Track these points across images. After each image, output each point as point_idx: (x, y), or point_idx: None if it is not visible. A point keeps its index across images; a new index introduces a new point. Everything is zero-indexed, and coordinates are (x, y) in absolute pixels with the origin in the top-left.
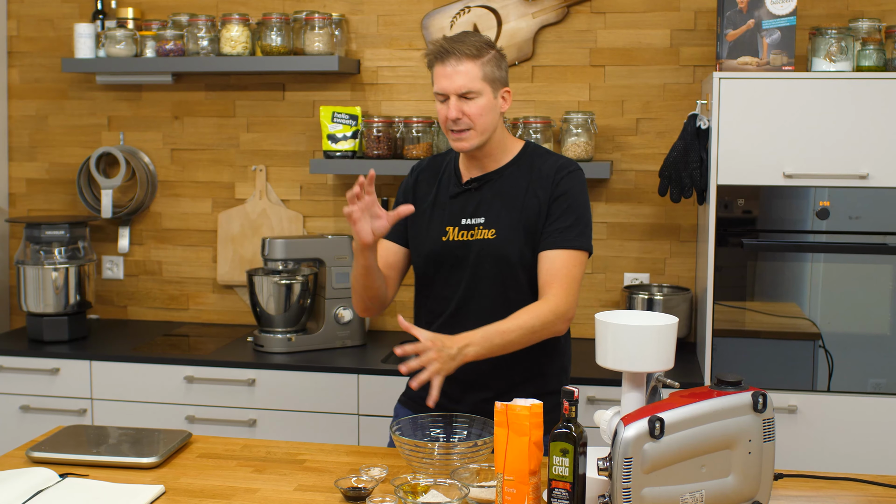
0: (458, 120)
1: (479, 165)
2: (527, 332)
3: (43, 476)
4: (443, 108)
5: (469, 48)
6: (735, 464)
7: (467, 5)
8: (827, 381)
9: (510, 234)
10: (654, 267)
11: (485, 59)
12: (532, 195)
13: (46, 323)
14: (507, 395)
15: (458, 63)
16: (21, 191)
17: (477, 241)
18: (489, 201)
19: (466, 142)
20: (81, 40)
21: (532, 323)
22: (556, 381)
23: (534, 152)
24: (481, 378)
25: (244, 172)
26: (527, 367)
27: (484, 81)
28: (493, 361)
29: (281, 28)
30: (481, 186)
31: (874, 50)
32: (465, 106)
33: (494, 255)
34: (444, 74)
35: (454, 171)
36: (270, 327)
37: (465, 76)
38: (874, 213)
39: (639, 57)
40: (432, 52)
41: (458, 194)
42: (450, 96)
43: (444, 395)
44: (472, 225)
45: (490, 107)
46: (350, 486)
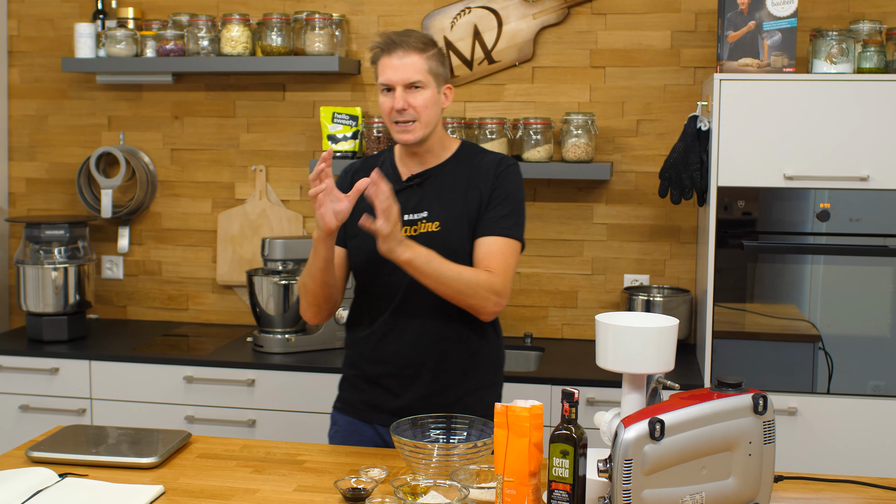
0: (403, 111)
1: (419, 162)
2: (461, 283)
3: (42, 476)
4: (387, 99)
5: (415, 41)
6: (735, 466)
7: (468, 6)
8: (827, 384)
9: (455, 226)
10: (654, 268)
11: (429, 53)
12: (474, 188)
13: (46, 323)
14: (449, 389)
15: (405, 55)
16: (21, 190)
17: (421, 236)
18: (432, 196)
19: (411, 133)
20: (82, 40)
21: (468, 278)
22: (493, 374)
23: (471, 149)
24: (422, 372)
25: (244, 172)
26: (465, 359)
27: (429, 74)
28: (433, 355)
29: (281, 28)
30: (423, 182)
31: (875, 52)
32: (410, 97)
33: (440, 247)
34: (390, 66)
35: (391, 169)
36: (270, 327)
37: (411, 68)
38: (874, 216)
39: (639, 58)
40: (379, 45)
41: (399, 191)
42: (395, 87)
43: (383, 389)
44: (415, 220)
45: (434, 100)
46: (349, 487)
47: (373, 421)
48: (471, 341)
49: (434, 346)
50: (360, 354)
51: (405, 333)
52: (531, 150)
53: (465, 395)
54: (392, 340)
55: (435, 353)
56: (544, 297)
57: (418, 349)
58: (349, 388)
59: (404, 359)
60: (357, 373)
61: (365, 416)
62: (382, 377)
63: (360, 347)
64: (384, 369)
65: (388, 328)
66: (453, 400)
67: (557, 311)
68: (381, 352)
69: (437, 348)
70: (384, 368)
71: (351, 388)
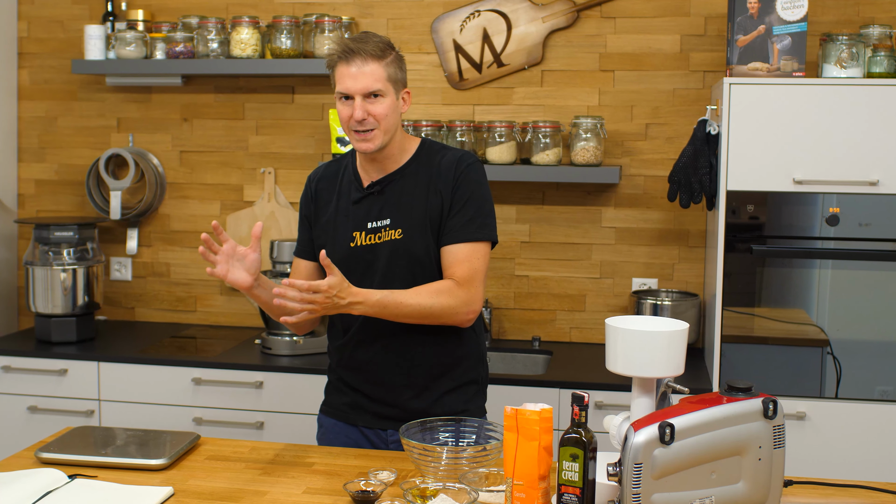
0: (363, 120)
1: (379, 168)
2: (424, 313)
3: (52, 477)
4: (346, 108)
5: (374, 48)
6: (745, 470)
7: (477, 9)
8: (835, 388)
9: (417, 232)
10: (663, 272)
11: (388, 59)
12: (434, 191)
13: (54, 324)
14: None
15: (364, 63)
16: (30, 192)
17: (385, 244)
18: (393, 202)
19: (371, 142)
20: (91, 42)
21: (430, 304)
22: (473, 371)
23: (430, 148)
24: (397, 377)
25: (253, 175)
26: (440, 360)
27: (388, 82)
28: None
29: (291, 31)
30: (384, 188)
31: (885, 56)
32: (370, 106)
33: (403, 254)
34: (348, 74)
35: (353, 176)
36: (278, 330)
37: (370, 76)
38: (884, 220)
39: (648, 62)
40: (336, 52)
41: (361, 199)
42: (355, 97)
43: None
44: (378, 227)
45: (393, 107)
46: (359, 490)
47: (357, 423)
48: (445, 344)
49: (406, 352)
50: (338, 361)
51: (377, 341)
52: (540, 153)
53: (444, 395)
54: (365, 349)
55: (408, 359)
56: (552, 300)
57: (391, 356)
58: (333, 391)
59: (378, 365)
60: (337, 377)
61: (349, 418)
62: (361, 383)
63: (337, 355)
64: (362, 376)
65: (361, 337)
66: (432, 401)
67: (566, 314)
68: (357, 359)
69: (410, 354)
70: (362, 375)
71: (335, 392)
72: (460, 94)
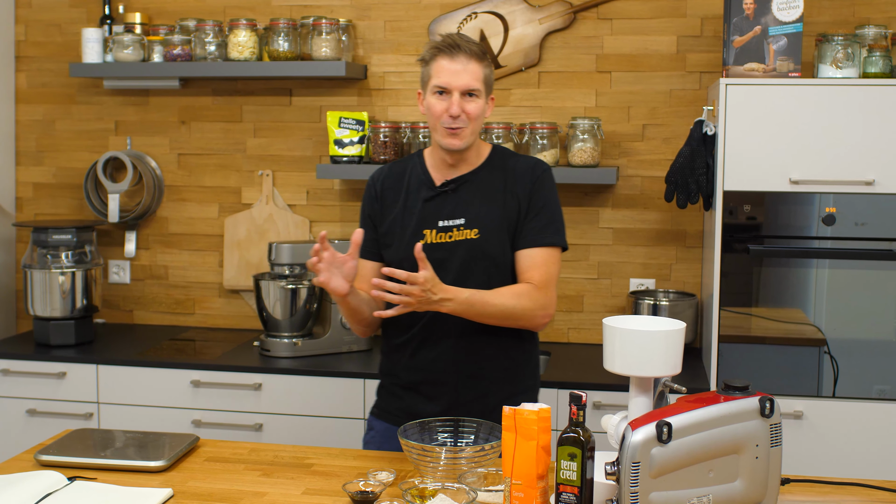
0: (458, 117)
1: (454, 168)
2: (506, 314)
3: (52, 479)
4: (440, 102)
5: (477, 48)
6: (742, 469)
7: (474, 11)
8: (832, 387)
9: (494, 233)
10: (660, 273)
11: (485, 62)
12: (510, 194)
13: (53, 327)
14: (486, 397)
15: (468, 61)
16: (28, 195)
17: (459, 242)
18: (467, 202)
19: (461, 139)
20: (89, 45)
21: (513, 305)
22: (531, 380)
23: (503, 154)
24: (460, 379)
25: (251, 177)
26: (503, 365)
27: (484, 84)
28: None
29: (288, 33)
30: (458, 188)
31: (880, 56)
32: (465, 104)
33: (480, 254)
34: (450, 70)
35: (423, 175)
36: (277, 332)
37: (471, 75)
38: (880, 220)
39: (645, 63)
40: (439, 45)
41: (433, 197)
42: (453, 92)
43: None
44: (450, 226)
45: (483, 109)
46: (358, 490)
47: None
48: (509, 348)
49: (472, 353)
50: (396, 361)
51: (442, 341)
52: (537, 154)
53: (503, 400)
54: (430, 347)
55: (472, 361)
56: None
57: (455, 357)
58: (386, 395)
59: (442, 366)
60: (394, 381)
61: (402, 422)
62: (420, 384)
63: (397, 354)
64: (421, 376)
65: (426, 335)
66: (491, 406)
67: (563, 315)
68: (419, 359)
69: (475, 356)
70: (421, 375)
71: (388, 396)
72: None
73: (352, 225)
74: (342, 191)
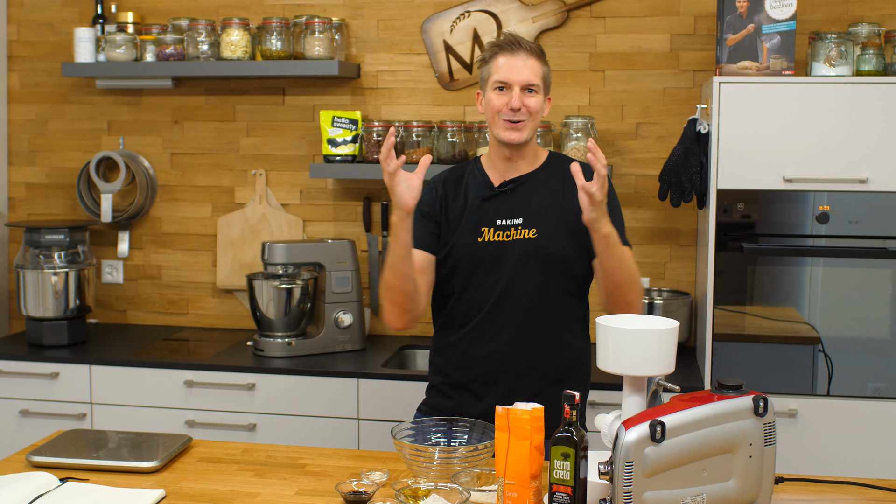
0: (519, 110)
1: (512, 168)
2: (633, 271)
3: (43, 480)
4: (500, 97)
5: (536, 47)
6: (736, 467)
7: (467, 10)
8: (826, 386)
9: (553, 233)
10: (654, 271)
11: (544, 61)
12: (571, 197)
13: (46, 327)
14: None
15: (528, 57)
16: (21, 195)
17: (517, 241)
18: (525, 202)
19: (520, 133)
20: (81, 45)
21: (636, 271)
22: (580, 383)
23: (562, 158)
24: (511, 378)
25: (244, 177)
26: (555, 367)
27: (542, 81)
28: (523, 361)
29: (281, 32)
30: (517, 188)
31: (874, 54)
32: (525, 98)
33: (539, 254)
34: (511, 65)
35: (482, 176)
36: (270, 332)
37: (532, 70)
38: (874, 218)
39: (639, 61)
40: (500, 43)
41: (492, 196)
42: (513, 87)
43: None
44: (508, 225)
45: (542, 106)
46: (351, 491)
47: None
48: (562, 349)
49: (524, 351)
50: (447, 360)
51: (495, 339)
52: None
53: (552, 403)
54: (482, 345)
55: (524, 359)
56: None
57: (507, 354)
58: (437, 395)
59: (493, 363)
60: (445, 380)
61: None
62: (470, 382)
63: (447, 353)
64: (472, 374)
65: (479, 333)
66: None
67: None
68: (470, 356)
69: (527, 354)
70: (472, 373)
71: (438, 395)
72: (451, 94)
73: (345, 224)
74: (336, 190)
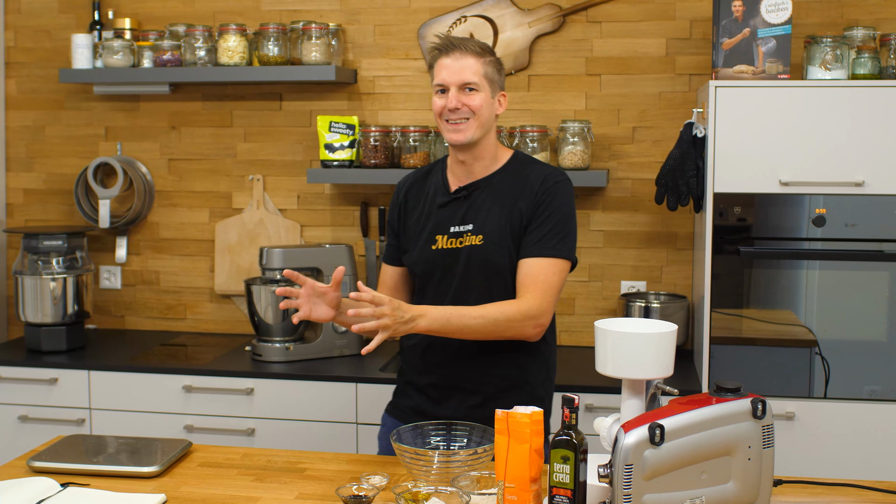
0: (456, 109)
1: (468, 172)
2: (488, 323)
3: (44, 485)
4: (441, 100)
5: (473, 46)
6: (735, 470)
7: (464, 15)
8: (823, 388)
9: (498, 241)
10: (651, 275)
11: (486, 59)
12: (519, 204)
13: (44, 333)
14: (492, 402)
15: (462, 57)
16: (18, 201)
17: (465, 249)
18: (477, 208)
19: (463, 133)
20: (79, 51)
21: (496, 316)
22: (542, 389)
23: (522, 161)
24: (466, 384)
25: (241, 182)
26: (512, 373)
27: (484, 78)
28: (478, 367)
29: (278, 38)
30: (470, 194)
31: (869, 58)
32: (465, 98)
33: (482, 261)
34: (447, 66)
35: (441, 181)
36: (268, 336)
37: (467, 69)
38: (870, 221)
39: (635, 66)
40: (437, 46)
41: (447, 203)
42: (450, 88)
43: (429, 398)
44: (460, 232)
45: (488, 103)
46: (351, 495)
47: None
48: (518, 356)
49: (478, 359)
50: (408, 363)
51: (448, 346)
52: None
53: (510, 407)
54: (437, 351)
55: (479, 366)
56: None
57: (462, 361)
58: (400, 394)
59: (448, 370)
60: (407, 379)
61: (410, 421)
62: (428, 387)
63: (408, 355)
64: (430, 379)
65: (433, 339)
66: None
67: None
68: (427, 362)
69: (482, 361)
70: (430, 378)
71: (401, 395)
72: None
73: (342, 229)
74: (333, 195)
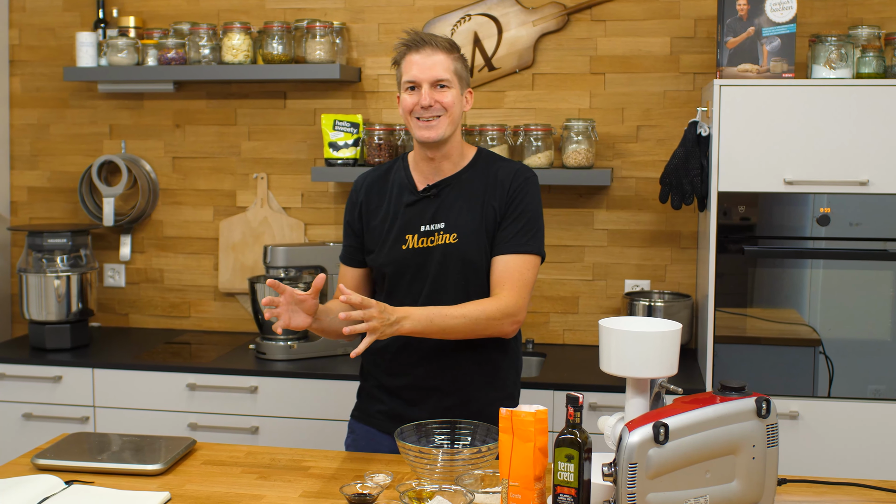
0: (430, 107)
1: (435, 170)
2: (470, 322)
3: (49, 483)
4: (411, 96)
5: (443, 41)
6: (739, 469)
7: (468, 13)
8: (827, 387)
9: (472, 238)
10: (655, 274)
11: (455, 55)
12: (490, 201)
13: (48, 331)
14: (469, 401)
15: (434, 53)
16: (23, 199)
17: (438, 247)
18: (448, 206)
19: (435, 130)
20: (83, 49)
21: (476, 314)
22: (513, 386)
23: (488, 157)
24: (442, 384)
25: (245, 180)
26: (486, 370)
27: (454, 75)
28: (453, 366)
29: (282, 36)
30: (440, 192)
31: (874, 57)
32: (436, 94)
33: (458, 259)
34: (417, 63)
35: (406, 179)
36: (272, 335)
37: (439, 66)
38: (874, 220)
39: (639, 64)
40: (405, 43)
41: (415, 202)
42: (422, 84)
43: (403, 400)
44: (431, 231)
45: (459, 99)
46: (355, 493)
47: (391, 432)
48: (491, 354)
49: (453, 358)
50: (376, 365)
51: (424, 345)
52: (532, 156)
53: (486, 406)
54: (412, 352)
55: (454, 366)
56: (545, 302)
57: (437, 362)
58: (367, 398)
59: (424, 370)
60: (375, 383)
61: (384, 426)
62: (401, 389)
63: (376, 357)
64: (404, 381)
65: (407, 340)
66: (474, 412)
67: (559, 316)
68: (401, 363)
69: (456, 361)
70: (403, 380)
71: (369, 399)
72: None
73: None
74: (337, 193)
